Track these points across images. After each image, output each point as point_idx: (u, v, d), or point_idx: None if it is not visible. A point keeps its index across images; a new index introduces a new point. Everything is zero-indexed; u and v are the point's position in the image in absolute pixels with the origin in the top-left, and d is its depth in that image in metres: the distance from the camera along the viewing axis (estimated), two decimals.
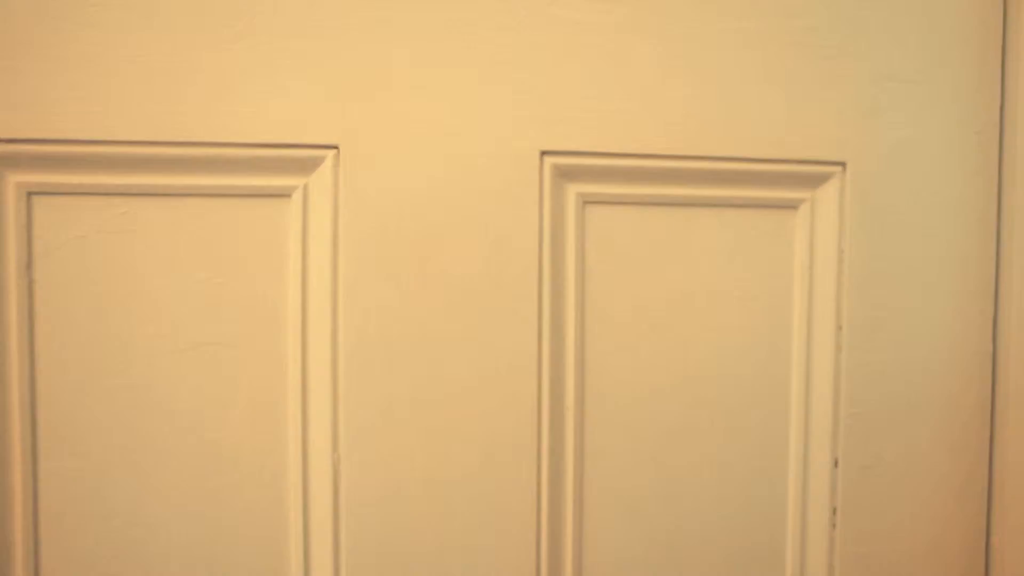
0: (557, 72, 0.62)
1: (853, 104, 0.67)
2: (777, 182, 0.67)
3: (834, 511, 0.68)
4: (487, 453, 0.61)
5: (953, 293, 0.70)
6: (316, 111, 0.58)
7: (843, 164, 0.67)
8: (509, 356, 0.62)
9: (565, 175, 0.63)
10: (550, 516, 0.63)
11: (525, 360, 0.62)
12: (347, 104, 0.58)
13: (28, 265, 0.56)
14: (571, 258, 0.63)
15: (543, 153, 0.62)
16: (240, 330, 0.59)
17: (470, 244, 0.60)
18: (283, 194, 0.59)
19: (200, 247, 0.58)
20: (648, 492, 0.65)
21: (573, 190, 0.63)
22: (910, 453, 0.69)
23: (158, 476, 0.58)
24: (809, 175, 0.67)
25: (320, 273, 0.59)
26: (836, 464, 0.68)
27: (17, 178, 0.55)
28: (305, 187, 0.59)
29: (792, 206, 0.68)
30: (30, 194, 0.55)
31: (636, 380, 0.65)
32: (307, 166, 0.59)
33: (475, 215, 0.60)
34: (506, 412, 0.62)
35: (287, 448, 0.59)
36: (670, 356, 0.66)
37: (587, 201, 0.63)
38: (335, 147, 0.59)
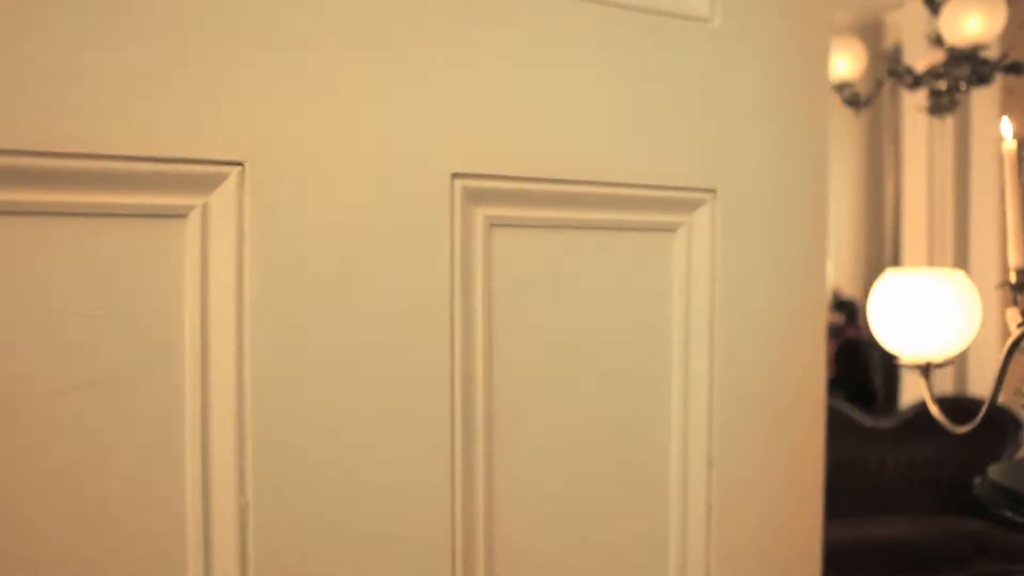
0: (469, 96, 0.61)
1: (721, 137, 0.73)
2: (659, 207, 0.71)
3: (709, 507, 0.73)
4: (401, 482, 0.59)
5: (799, 306, 0.78)
6: (219, 123, 0.52)
7: (714, 191, 0.73)
8: (422, 381, 0.60)
9: (474, 198, 0.62)
10: (464, 535, 0.62)
11: (438, 388, 0.60)
12: (254, 117, 0.53)
13: None
14: (479, 279, 0.62)
15: (454, 175, 0.61)
16: (128, 369, 0.51)
17: (383, 266, 0.58)
18: (178, 214, 0.52)
19: (77, 274, 0.49)
20: (552, 494, 0.67)
21: (481, 213, 0.63)
22: (768, 453, 0.76)
23: (24, 545, 0.48)
24: (685, 201, 0.72)
25: (222, 301, 0.53)
26: (710, 465, 0.74)
27: None
28: (204, 207, 0.53)
29: (671, 229, 0.72)
30: None
31: (539, 394, 0.66)
32: (207, 184, 0.53)
33: (388, 236, 0.58)
34: (420, 432, 0.60)
35: (184, 500, 0.52)
36: (569, 371, 0.68)
37: (493, 224, 0.64)
38: (240, 164, 0.53)
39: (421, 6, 0.59)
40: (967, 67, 1.94)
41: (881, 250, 6.63)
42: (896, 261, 6.35)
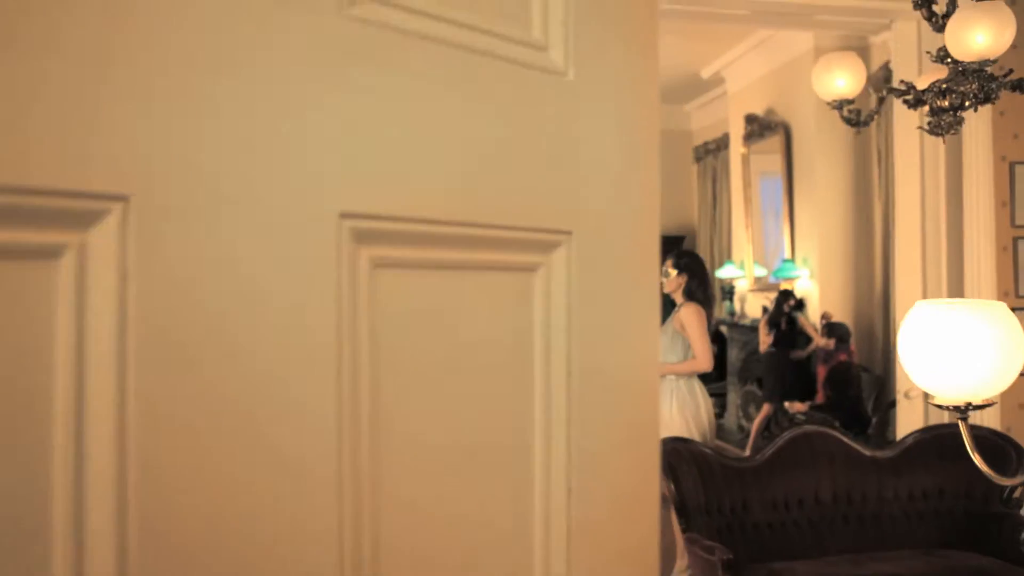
0: (356, 137, 0.61)
1: (576, 181, 0.78)
2: (524, 248, 0.76)
3: (569, 532, 0.77)
4: (291, 519, 0.56)
5: (639, 334, 0.85)
6: (102, 152, 0.45)
7: (570, 232, 0.77)
8: (309, 434, 0.57)
9: (360, 238, 0.60)
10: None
11: (325, 423, 0.58)
12: (141, 147, 0.47)
13: None
14: (364, 319, 0.61)
15: (342, 215, 0.58)
16: None
17: (274, 308, 0.55)
18: (50, 254, 0.45)
19: None
20: (432, 518, 0.68)
21: (366, 253, 0.61)
22: (616, 481, 0.82)
23: None
24: (546, 242, 0.76)
25: (101, 353, 0.46)
26: (569, 492, 0.77)
27: None
28: (82, 246, 0.45)
29: (533, 269, 0.76)
30: None
31: (419, 424, 0.67)
32: (85, 219, 0.46)
33: (278, 276, 0.55)
34: (309, 465, 0.57)
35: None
36: (447, 409, 0.69)
37: (377, 264, 0.62)
38: (125, 198, 0.46)
39: (313, 46, 0.58)
40: (974, 82, 1.86)
41: (871, 274, 6.57)
42: (887, 286, 6.29)
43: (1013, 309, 4.33)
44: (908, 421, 4.22)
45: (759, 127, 7.35)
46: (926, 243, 4.19)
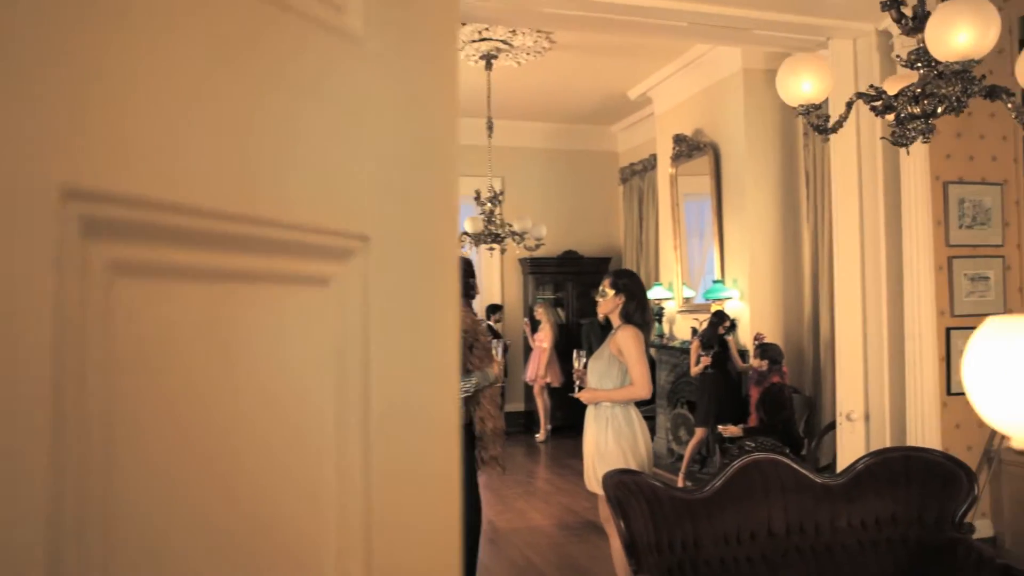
0: (94, 84, 0.43)
1: (374, 176, 0.67)
2: (315, 254, 0.63)
3: (370, 552, 0.68)
4: None
5: (440, 350, 0.76)
6: None
7: (367, 237, 0.66)
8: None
9: (92, 231, 0.43)
10: None
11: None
12: None
13: None
14: (94, 360, 0.44)
15: (65, 194, 0.41)
16: None
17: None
18: None
19: None
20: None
21: (102, 254, 0.44)
22: (415, 503, 0.74)
23: None
24: (341, 248, 0.65)
25: None
26: (370, 512, 0.68)
27: None
28: None
29: (325, 283, 0.64)
30: None
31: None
32: None
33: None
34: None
35: None
36: (217, 464, 0.54)
37: (118, 270, 0.45)
38: None
39: None
40: (957, 84, 1.73)
41: (800, 295, 6.57)
42: (816, 306, 6.29)
43: (948, 329, 4.30)
44: (849, 444, 4.13)
45: (687, 148, 7.32)
46: (865, 263, 4.13)
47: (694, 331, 7.14)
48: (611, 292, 3.56)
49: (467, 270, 3.76)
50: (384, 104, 0.69)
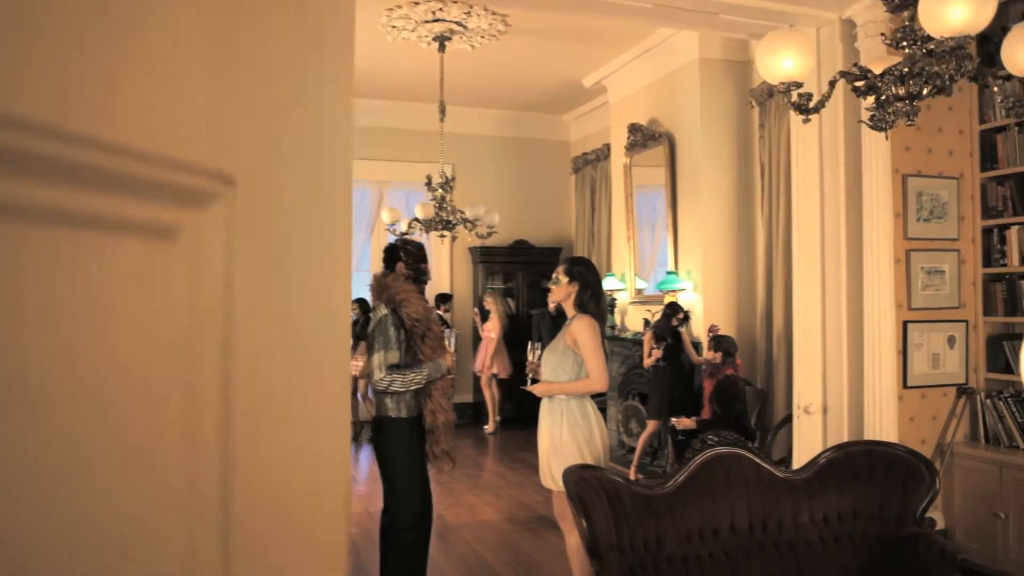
0: None
1: (245, 119, 0.54)
2: (159, 195, 0.47)
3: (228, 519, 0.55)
4: None
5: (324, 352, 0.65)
6: None
7: (232, 180, 0.52)
8: None
9: None
10: None
11: None
12: None
13: None
14: None
15: None
16: None
17: None
18: None
19: None
20: None
21: None
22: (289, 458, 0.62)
23: None
24: (198, 192, 0.50)
25: None
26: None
27: None
28: None
29: (170, 236, 0.49)
30: None
31: None
32: None
33: None
34: None
35: None
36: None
37: None
38: None
39: None
40: (951, 62, 1.63)
41: (753, 287, 6.56)
42: (769, 299, 6.28)
43: (905, 323, 4.26)
44: (807, 438, 4.09)
45: (642, 137, 7.25)
46: (825, 255, 4.08)
47: (646, 322, 7.08)
48: (565, 280, 3.43)
49: (419, 255, 3.60)
50: (261, 29, 0.56)
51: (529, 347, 3.60)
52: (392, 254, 3.59)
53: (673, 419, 5.79)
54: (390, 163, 8.95)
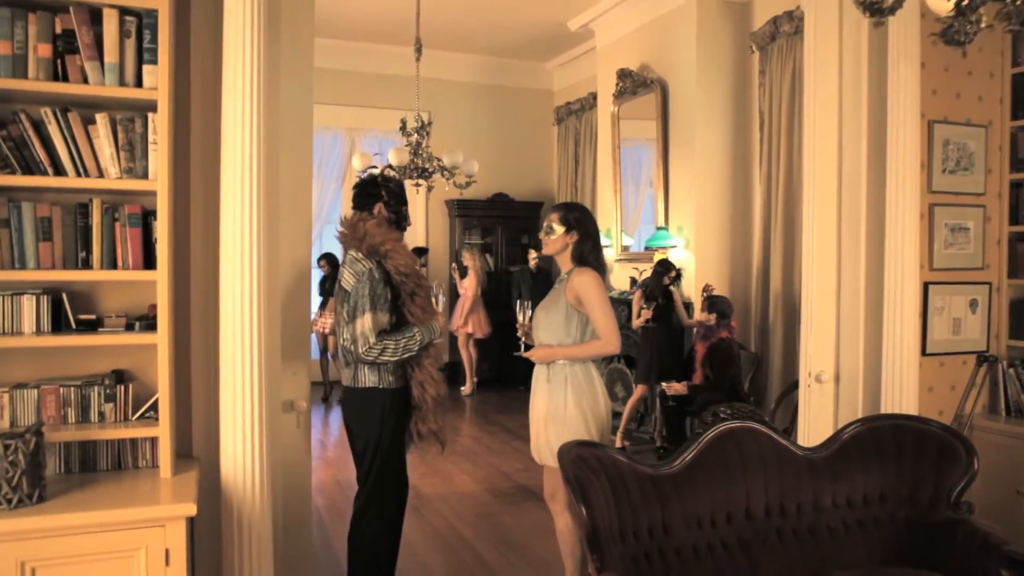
0: None
1: None
2: None
3: None
4: None
5: None
6: None
7: None
8: None
9: None
10: None
11: None
12: None
13: None
14: None
15: None
16: None
17: None
18: None
19: None
20: None
21: None
22: None
23: None
24: None
25: None
26: None
27: None
28: None
29: None
30: None
31: None
32: None
33: None
34: None
35: None
36: None
37: None
38: None
39: None
40: None
41: (749, 245, 6.20)
42: (766, 257, 5.93)
43: (926, 284, 3.87)
44: (817, 408, 3.75)
45: (632, 84, 6.80)
46: (842, 209, 3.70)
47: (633, 281, 6.72)
48: (560, 229, 3.00)
49: (401, 195, 3.04)
50: None
51: (518, 306, 3.17)
52: (368, 192, 2.98)
53: (663, 384, 5.45)
54: (362, 109, 8.42)
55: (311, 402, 2.87)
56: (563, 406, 2.91)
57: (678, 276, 5.84)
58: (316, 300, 7.76)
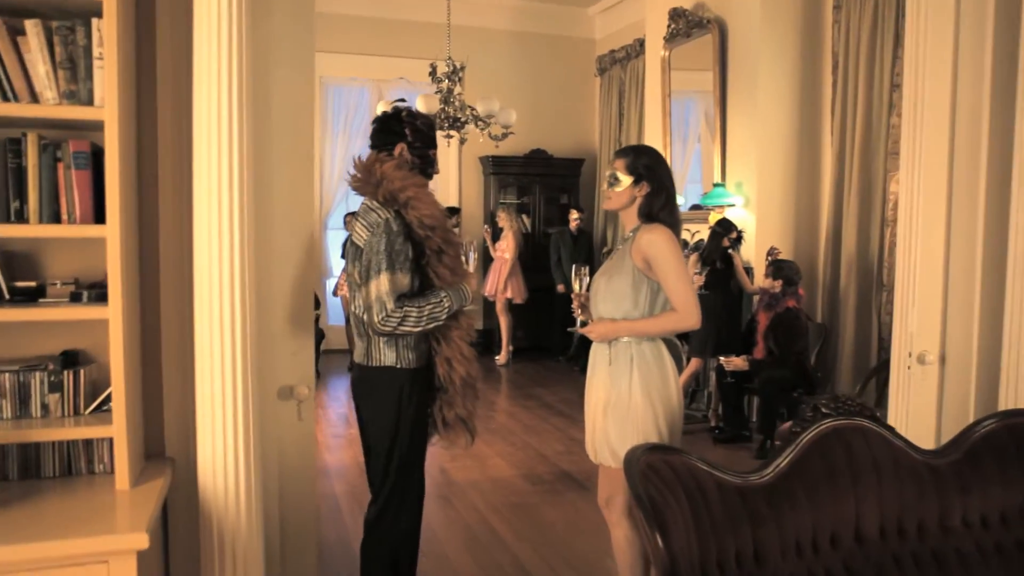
0: None
1: None
2: None
3: None
4: None
5: None
6: None
7: None
8: None
9: None
10: None
11: None
12: None
13: None
14: None
15: None
16: None
17: None
18: None
19: None
20: None
21: None
22: None
23: None
24: None
25: None
26: None
27: None
28: None
29: None
30: None
31: None
32: None
33: None
34: None
35: None
36: None
37: None
38: None
39: None
40: None
41: (816, 204, 5.57)
42: (838, 218, 5.31)
43: None
44: (917, 394, 3.17)
45: (686, 25, 6.14)
46: (955, 163, 3.08)
47: (685, 243, 6.13)
48: (627, 180, 2.43)
49: (427, 136, 2.47)
50: None
51: (574, 272, 2.62)
52: (389, 128, 2.43)
53: (721, 358, 4.91)
54: (390, 58, 7.84)
55: (313, 389, 2.38)
56: (627, 394, 2.37)
57: (739, 238, 5.24)
58: (339, 264, 7.29)
